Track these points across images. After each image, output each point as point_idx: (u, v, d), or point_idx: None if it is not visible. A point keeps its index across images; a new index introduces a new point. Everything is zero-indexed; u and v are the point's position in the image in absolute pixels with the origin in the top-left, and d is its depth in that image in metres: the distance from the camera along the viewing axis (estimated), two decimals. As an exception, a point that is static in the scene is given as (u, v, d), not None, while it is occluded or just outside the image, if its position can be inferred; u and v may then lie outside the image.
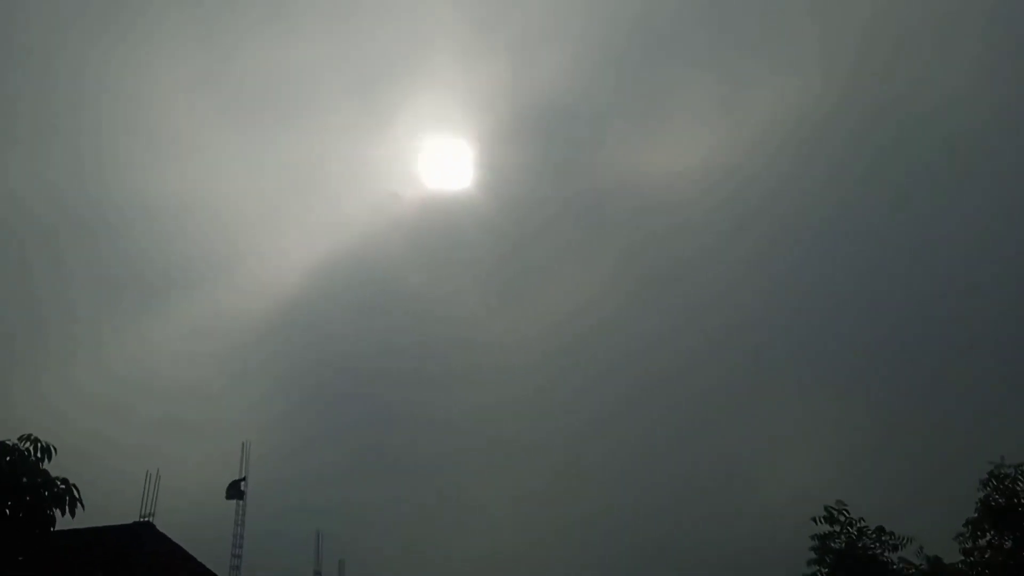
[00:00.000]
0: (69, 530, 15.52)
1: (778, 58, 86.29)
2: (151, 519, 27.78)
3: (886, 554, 21.28)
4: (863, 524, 21.60)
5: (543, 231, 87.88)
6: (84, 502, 14.80)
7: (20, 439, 14.77)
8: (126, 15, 79.05)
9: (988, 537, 20.81)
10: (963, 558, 21.10)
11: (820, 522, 21.78)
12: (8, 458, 14.33)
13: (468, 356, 78.99)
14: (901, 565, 21.20)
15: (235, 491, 36.47)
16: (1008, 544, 20.49)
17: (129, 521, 27.39)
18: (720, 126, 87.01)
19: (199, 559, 29.14)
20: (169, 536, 27.77)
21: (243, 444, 38.69)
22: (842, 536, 21.57)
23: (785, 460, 66.08)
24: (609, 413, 73.85)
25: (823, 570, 21.47)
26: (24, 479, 14.23)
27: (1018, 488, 20.43)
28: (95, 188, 78.86)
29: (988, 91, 74.51)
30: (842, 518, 21.67)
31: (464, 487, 66.98)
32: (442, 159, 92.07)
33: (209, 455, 55.40)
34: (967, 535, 21.11)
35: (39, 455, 14.71)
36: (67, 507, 14.46)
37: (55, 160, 77.62)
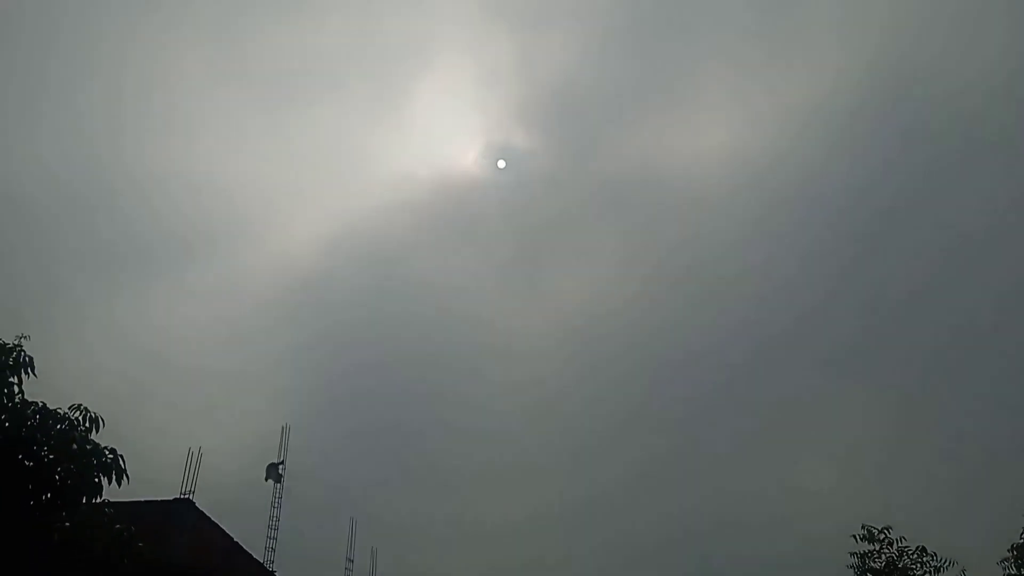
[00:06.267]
0: (113, 501, 15.84)
1: (825, 28, 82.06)
2: (192, 497, 28.31)
3: (927, 576, 20.79)
4: (904, 544, 21.13)
5: (559, 216, 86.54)
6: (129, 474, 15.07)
7: (70, 408, 15.01)
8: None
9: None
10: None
11: (859, 540, 21.45)
12: (60, 426, 14.63)
13: (478, 356, 78.15)
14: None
15: (273, 473, 36.91)
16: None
17: (169, 498, 27.97)
18: (751, 107, 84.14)
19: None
20: (208, 514, 28.29)
21: (283, 427, 39.28)
22: (882, 555, 21.16)
23: (814, 461, 64.33)
24: (628, 422, 72.24)
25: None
26: (74, 446, 14.52)
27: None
28: (109, 161, 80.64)
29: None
30: (882, 537, 21.27)
31: (467, 497, 66.23)
32: (455, 141, 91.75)
33: (229, 436, 56.00)
34: (1011, 561, 20.46)
35: (87, 425, 14.93)
36: (114, 477, 14.75)
37: (75, 134, 79.89)
